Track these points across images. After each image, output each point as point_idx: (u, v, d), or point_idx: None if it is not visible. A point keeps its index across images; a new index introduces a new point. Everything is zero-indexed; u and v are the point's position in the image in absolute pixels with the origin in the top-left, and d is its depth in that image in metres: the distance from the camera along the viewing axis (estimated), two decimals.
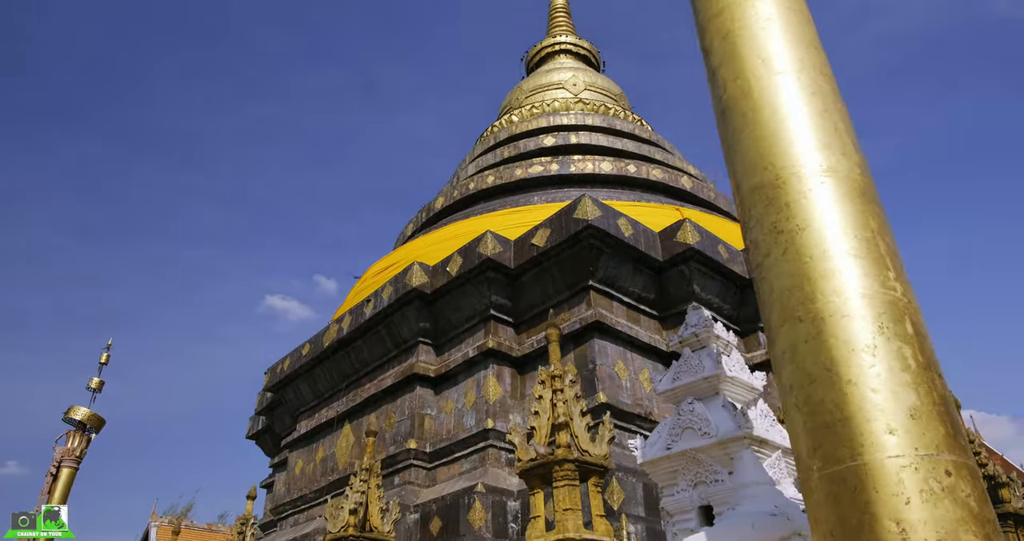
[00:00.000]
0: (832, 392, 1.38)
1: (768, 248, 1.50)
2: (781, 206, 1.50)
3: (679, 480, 3.09)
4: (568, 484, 3.20)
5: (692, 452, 3.05)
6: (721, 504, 2.82)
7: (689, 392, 3.33)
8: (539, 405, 3.45)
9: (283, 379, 13.10)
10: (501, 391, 9.72)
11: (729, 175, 1.77)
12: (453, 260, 10.63)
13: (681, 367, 3.45)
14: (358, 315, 11.68)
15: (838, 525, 1.35)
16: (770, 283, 1.47)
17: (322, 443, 12.01)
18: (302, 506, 11.74)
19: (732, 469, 2.89)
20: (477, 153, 16.84)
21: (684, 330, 3.66)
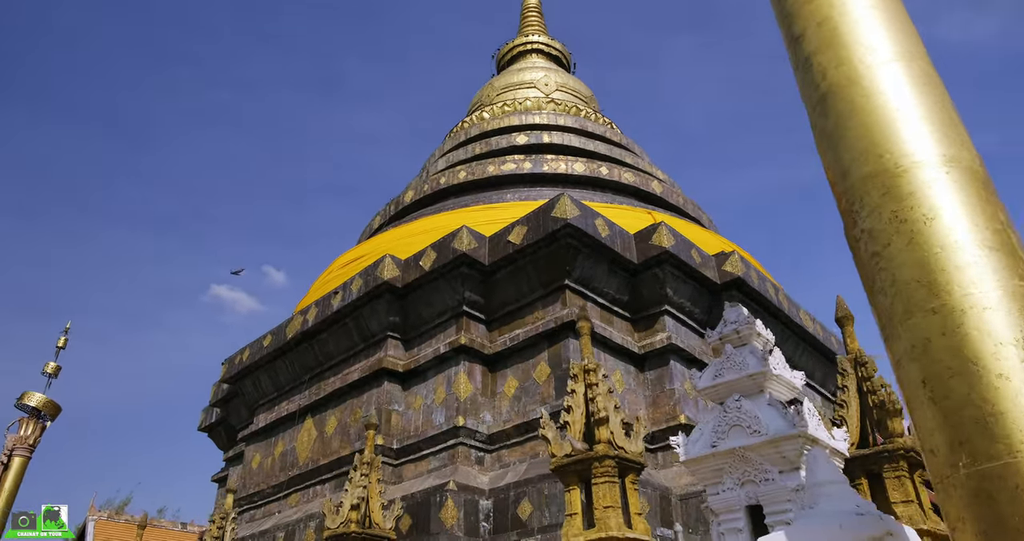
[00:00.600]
0: (980, 386, 1.35)
1: (888, 238, 1.45)
2: (903, 195, 1.46)
3: (725, 478, 3.05)
4: (608, 481, 3.12)
5: (741, 450, 3.02)
6: (772, 504, 2.79)
7: (732, 389, 3.30)
8: (572, 400, 3.36)
9: (242, 370, 12.73)
10: (472, 388, 9.61)
11: (828, 162, 1.72)
12: (426, 254, 10.47)
13: (723, 364, 3.42)
14: (325, 307, 11.42)
15: (995, 525, 1.31)
16: (891, 273, 1.42)
17: (282, 437, 11.71)
18: (259, 502, 11.42)
19: (783, 468, 2.87)
20: (447, 148, 16.68)
21: (724, 326, 3.63)
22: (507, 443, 9.23)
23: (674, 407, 9.45)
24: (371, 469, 4.53)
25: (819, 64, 1.79)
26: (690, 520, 7.90)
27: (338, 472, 10.16)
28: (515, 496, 7.81)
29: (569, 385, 3.47)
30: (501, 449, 9.29)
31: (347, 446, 10.16)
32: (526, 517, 7.55)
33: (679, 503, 8.09)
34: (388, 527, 4.36)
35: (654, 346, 9.89)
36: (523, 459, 8.87)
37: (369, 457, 4.54)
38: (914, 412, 1.40)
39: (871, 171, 1.56)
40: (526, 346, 9.67)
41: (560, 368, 9.11)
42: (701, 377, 3.58)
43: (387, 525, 4.09)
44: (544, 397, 9.11)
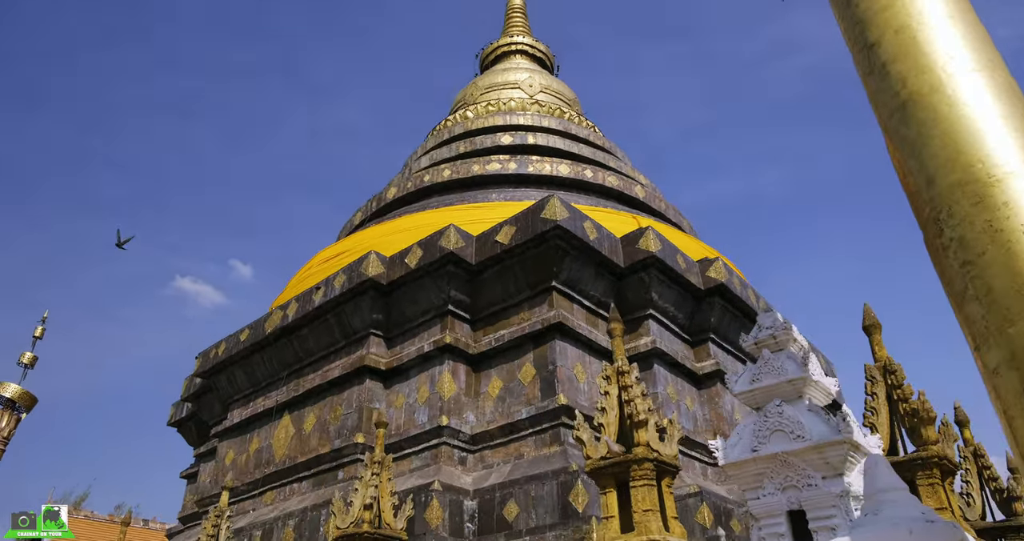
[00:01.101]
0: None
1: (983, 247, 1.46)
2: (997, 204, 1.47)
3: (766, 483, 3.05)
4: (647, 484, 3.10)
5: (783, 455, 3.02)
6: (816, 509, 2.80)
7: (771, 394, 3.30)
8: (605, 401, 3.32)
9: (217, 365, 12.49)
10: (456, 388, 9.55)
11: (909, 170, 1.72)
12: (412, 252, 10.39)
13: (761, 369, 3.42)
14: (305, 302, 11.26)
15: None
16: (987, 282, 1.43)
17: (257, 433, 11.51)
18: (232, 499, 11.19)
19: (826, 474, 2.87)
20: (430, 146, 16.58)
21: (759, 331, 3.63)
22: (491, 444, 9.19)
23: (657, 411, 9.48)
24: (382, 468, 4.44)
25: (898, 72, 1.80)
26: None
27: (317, 470, 10.02)
28: (501, 497, 7.77)
29: (602, 386, 3.44)
30: (484, 450, 9.25)
31: (326, 444, 10.02)
32: (512, 518, 7.52)
33: None
34: (400, 527, 4.27)
35: (638, 350, 9.93)
36: (507, 460, 8.83)
37: (380, 455, 4.45)
38: (1013, 420, 1.40)
39: (959, 179, 1.57)
40: (511, 347, 9.64)
41: (546, 369, 9.10)
42: (737, 381, 3.58)
43: (398, 525, 4.02)
44: (529, 398, 9.08)
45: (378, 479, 4.33)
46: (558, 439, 8.55)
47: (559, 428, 8.62)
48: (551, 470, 7.70)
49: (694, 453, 9.72)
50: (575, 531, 6.37)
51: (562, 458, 8.06)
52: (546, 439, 8.69)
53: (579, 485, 7.23)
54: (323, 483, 9.82)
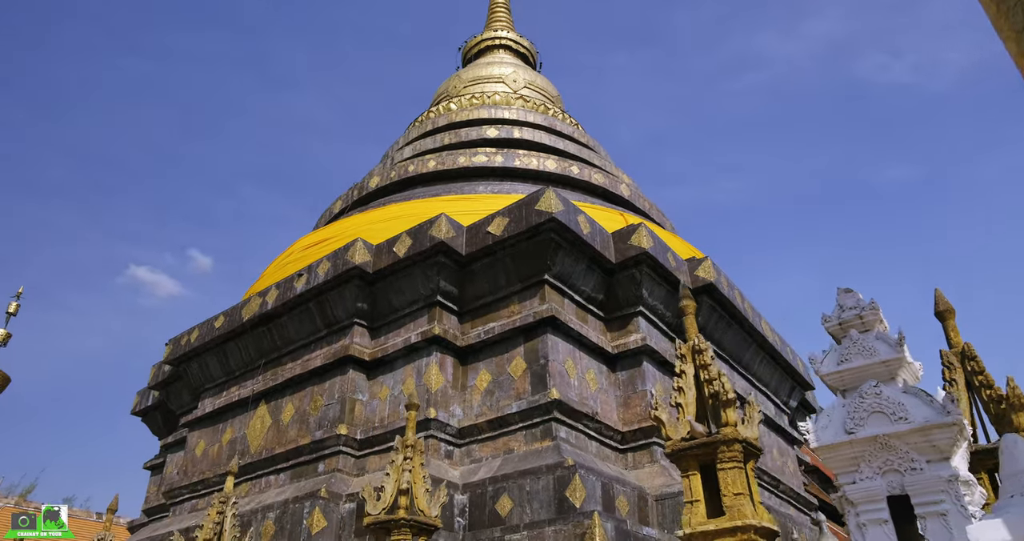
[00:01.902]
0: None
1: None
2: None
3: (862, 467, 2.95)
4: (736, 466, 2.97)
5: (884, 438, 2.92)
6: (922, 495, 2.70)
7: (862, 375, 3.20)
8: (682, 381, 3.19)
9: (189, 352, 12.07)
10: (443, 380, 9.36)
11: None
12: (401, 240, 10.16)
13: (849, 349, 3.32)
14: (286, 289, 10.94)
15: None
16: None
17: (231, 424, 11.15)
18: (203, 490, 10.83)
19: (931, 457, 2.78)
20: (413, 136, 16.32)
21: (842, 312, 3.53)
22: (478, 438, 9.02)
23: (646, 409, 9.43)
24: (415, 452, 4.23)
25: None
26: (666, 521, 7.87)
27: (295, 462, 9.73)
28: (493, 491, 7.61)
29: (677, 366, 3.31)
30: (471, 443, 9.07)
31: (306, 435, 9.73)
32: (506, 513, 7.36)
33: (655, 504, 8.06)
34: (434, 514, 4.07)
35: (628, 347, 9.86)
36: (496, 455, 8.67)
37: (412, 439, 4.24)
38: None
39: None
40: (501, 340, 9.48)
41: (537, 363, 8.96)
42: (823, 362, 3.48)
43: (432, 512, 3.82)
44: (519, 392, 8.94)
45: (411, 463, 4.13)
46: (549, 434, 8.42)
47: (551, 423, 8.49)
48: (545, 465, 7.57)
49: None
50: (576, 526, 6.25)
51: (555, 453, 7.93)
52: (537, 434, 8.55)
53: (576, 480, 7.12)
54: (302, 475, 9.53)
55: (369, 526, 3.81)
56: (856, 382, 3.18)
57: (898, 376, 3.15)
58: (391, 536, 3.65)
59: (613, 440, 9.31)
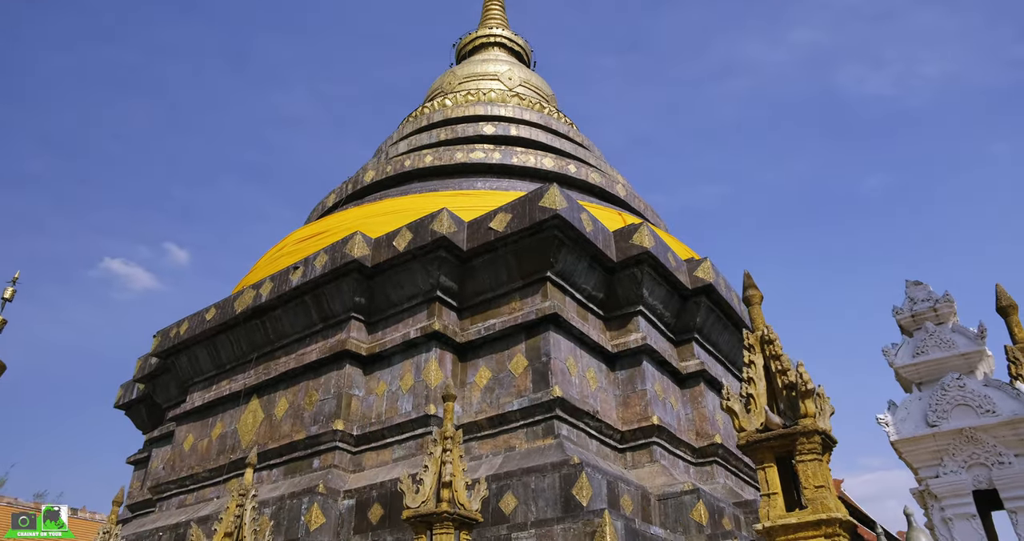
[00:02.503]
0: None
1: None
2: None
3: (945, 460, 2.91)
4: (815, 458, 2.87)
5: (970, 431, 2.88)
6: (1012, 488, 2.67)
7: (940, 368, 3.16)
8: (752, 371, 3.10)
9: (178, 344, 11.83)
10: (442, 377, 9.24)
11: None
12: (401, 234, 10.03)
13: (925, 341, 3.28)
14: (282, 282, 10.76)
15: None
16: None
17: (221, 418, 10.93)
18: (191, 485, 10.61)
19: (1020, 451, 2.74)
20: (408, 132, 16.18)
21: (913, 304, 3.50)
22: (477, 435, 8.92)
23: (645, 408, 9.39)
24: (454, 444, 4.11)
25: None
26: (668, 521, 7.83)
27: (289, 457, 9.56)
28: (497, 489, 7.50)
29: (746, 356, 3.23)
30: (471, 441, 8.96)
31: (300, 430, 9.56)
32: (510, 511, 7.27)
33: (658, 503, 8.01)
34: (475, 508, 3.95)
35: (628, 346, 9.82)
36: (496, 452, 8.58)
37: (451, 431, 4.12)
38: None
39: None
40: (502, 336, 9.39)
41: (539, 361, 8.88)
42: (897, 354, 3.44)
43: (473, 506, 3.70)
44: (520, 390, 8.85)
45: (451, 455, 4.01)
46: (551, 432, 8.34)
47: (553, 421, 8.41)
48: (550, 463, 7.49)
49: (679, 451, 9.66)
50: (586, 524, 6.17)
51: (559, 451, 7.85)
52: (538, 432, 8.47)
53: (583, 478, 7.04)
54: (296, 471, 9.36)
55: (409, 520, 3.69)
56: (934, 375, 3.14)
57: (977, 369, 3.13)
58: (433, 530, 3.54)
59: (612, 439, 9.26)
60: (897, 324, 3.58)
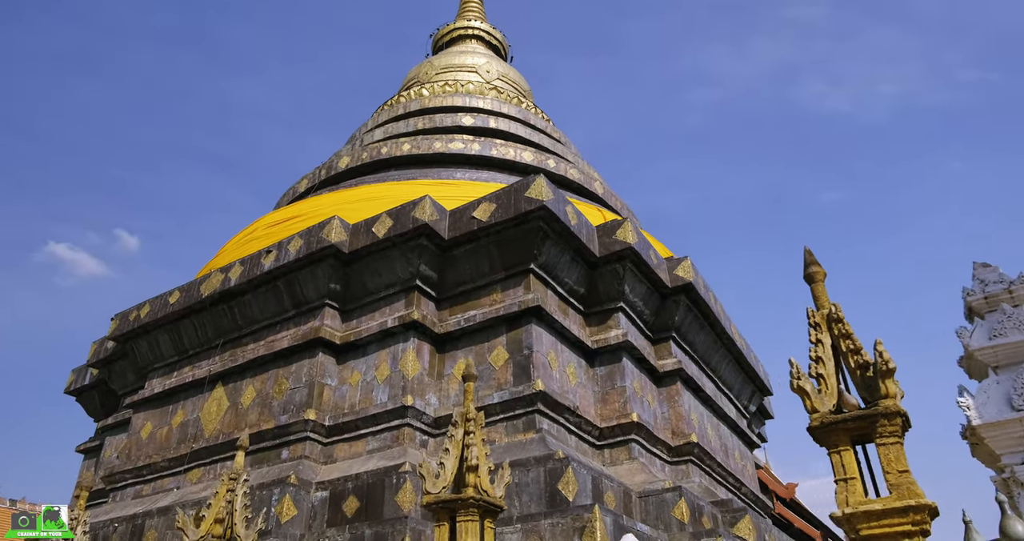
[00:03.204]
0: None
1: None
2: None
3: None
4: (896, 441, 2.72)
5: None
6: None
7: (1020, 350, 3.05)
8: (820, 350, 2.94)
9: (137, 328, 11.32)
10: (420, 368, 8.99)
11: None
12: (381, 221, 9.75)
13: (1002, 323, 3.19)
14: (253, 266, 10.37)
15: None
16: None
17: (183, 405, 10.48)
18: (148, 476, 10.14)
19: None
20: (384, 120, 15.84)
21: (983, 287, 3.39)
22: None
23: (624, 405, 9.29)
24: (476, 426, 3.88)
25: None
26: (650, 518, 7.72)
27: (256, 447, 9.19)
28: None
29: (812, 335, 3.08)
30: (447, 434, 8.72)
31: (269, 419, 9.21)
32: None
33: (639, 500, 7.90)
34: (499, 495, 3.73)
35: (608, 342, 9.71)
36: None
37: (474, 413, 3.88)
38: None
39: None
40: (483, 328, 9.19)
41: (521, 354, 8.70)
42: (972, 336, 3.34)
43: (496, 492, 3.49)
44: (500, 383, 8.66)
45: (474, 439, 3.79)
46: (532, 426, 8.18)
47: (534, 415, 8.25)
48: (534, 457, 7.32)
49: (656, 450, 9.58)
50: (575, 519, 6.01)
51: (541, 445, 7.69)
52: (519, 426, 8.29)
53: (569, 473, 6.88)
54: (264, 461, 9.00)
55: (430, 506, 3.47)
56: (1013, 358, 3.07)
57: None
58: (457, 517, 3.33)
59: (591, 436, 9.13)
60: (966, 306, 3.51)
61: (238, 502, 5.01)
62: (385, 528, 6.35)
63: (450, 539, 3.35)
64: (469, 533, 3.00)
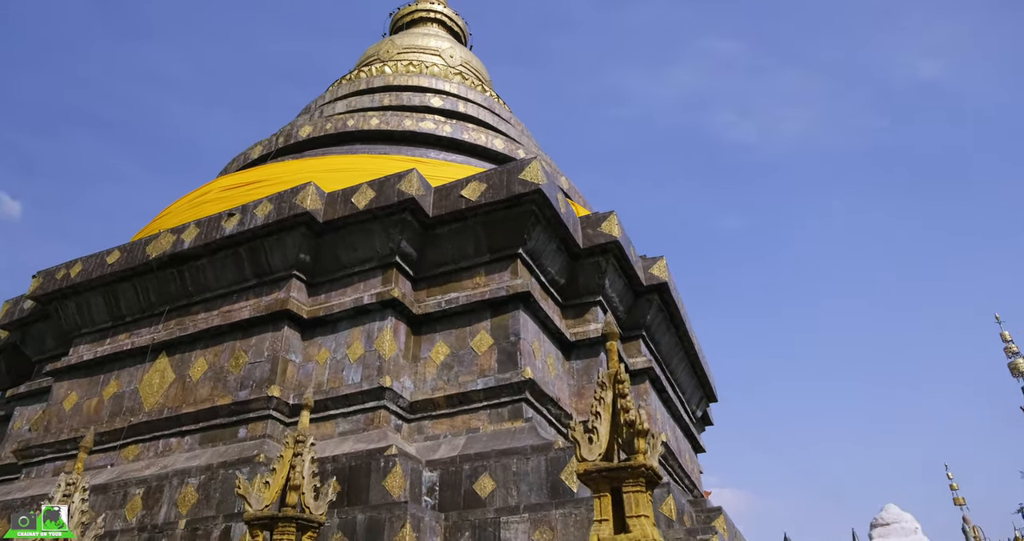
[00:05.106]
0: None
1: None
2: None
3: None
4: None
5: None
6: None
7: None
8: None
9: (66, 288, 10.21)
10: (396, 349, 8.48)
11: None
12: (361, 191, 9.17)
13: None
14: (211, 229, 9.54)
15: None
16: None
17: (117, 376, 9.50)
18: (72, 450, 9.10)
19: None
20: (345, 93, 15.11)
21: None
22: (432, 414, 8.23)
23: None
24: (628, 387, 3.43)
25: None
26: None
27: (207, 424, 8.40)
28: (470, 470, 6.87)
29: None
30: (423, 420, 8.26)
31: (225, 395, 8.44)
32: (486, 494, 6.66)
33: None
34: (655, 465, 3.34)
35: (588, 335, 9.50)
36: (456, 433, 7.94)
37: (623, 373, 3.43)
38: None
39: None
40: (464, 312, 8.77)
41: (507, 340, 8.34)
42: None
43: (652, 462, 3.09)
44: (483, 369, 8.27)
45: (628, 402, 3.29)
46: (519, 415, 7.83)
47: (521, 403, 7.90)
48: (530, 445, 6.97)
49: None
50: (589, 510, 5.70)
51: (534, 434, 7.35)
52: (504, 414, 7.92)
53: (573, 463, 6.57)
54: (217, 439, 8.23)
55: (589, 474, 3.10)
56: None
57: None
58: (624, 487, 2.96)
59: (568, 428, 8.85)
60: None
61: (305, 468, 4.42)
62: (381, 513, 5.84)
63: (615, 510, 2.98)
64: (640, 505, 2.70)
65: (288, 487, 4.37)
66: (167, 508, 7.11)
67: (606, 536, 2.83)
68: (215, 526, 5.99)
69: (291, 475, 4.38)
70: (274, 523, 4.19)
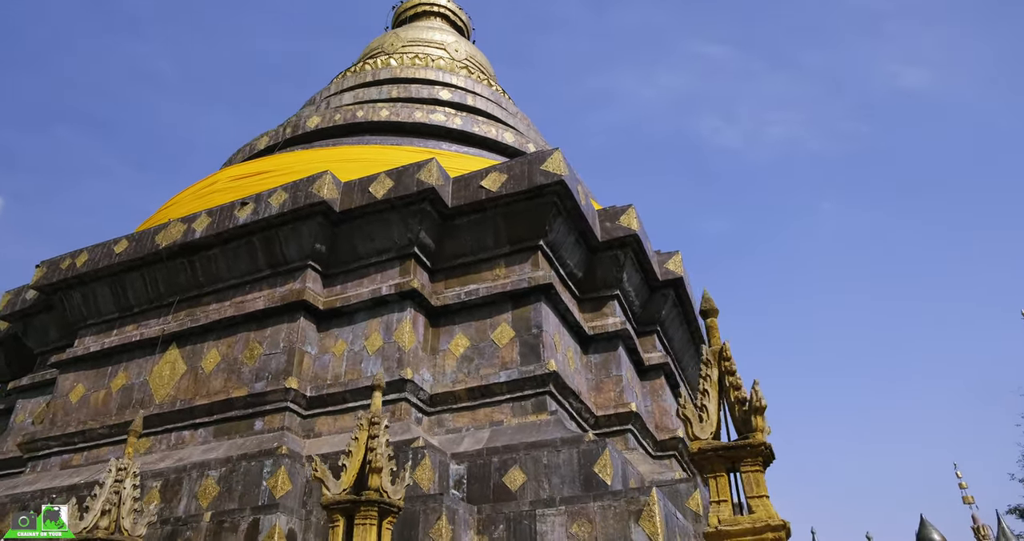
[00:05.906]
0: None
1: None
2: None
3: None
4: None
5: None
6: None
7: None
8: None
9: (71, 278, 9.97)
10: (415, 340, 8.33)
11: None
12: (379, 181, 9.02)
13: None
14: (224, 218, 9.35)
15: None
16: None
17: (126, 368, 9.28)
18: (80, 443, 8.88)
19: None
20: (352, 84, 14.92)
21: None
22: (453, 406, 8.09)
23: (620, 394, 8.99)
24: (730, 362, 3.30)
25: None
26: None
27: (221, 416, 8.22)
28: (499, 463, 6.74)
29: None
30: (444, 413, 8.12)
31: (240, 387, 8.25)
32: (516, 487, 6.52)
33: None
34: None
35: (606, 329, 9.39)
36: (479, 426, 7.80)
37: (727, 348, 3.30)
38: None
39: None
40: (484, 304, 8.64)
41: (529, 333, 8.22)
42: None
43: None
44: (505, 362, 8.14)
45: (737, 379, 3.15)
46: (543, 408, 7.70)
47: (545, 396, 7.77)
48: (560, 438, 6.84)
49: (645, 442, 9.33)
50: (629, 503, 5.58)
51: (560, 427, 7.23)
52: (527, 407, 7.79)
53: (606, 455, 6.46)
54: (234, 432, 8.04)
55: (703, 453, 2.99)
56: None
57: None
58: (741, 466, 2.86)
59: (587, 423, 8.76)
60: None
61: (381, 450, 4.25)
62: (415, 505, 5.68)
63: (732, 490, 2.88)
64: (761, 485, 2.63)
65: (369, 470, 4.20)
66: (187, 501, 6.92)
67: (727, 517, 2.69)
68: (242, 518, 5.81)
69: (371, 457, 4.19)
70: (355, 507, 4.03)
